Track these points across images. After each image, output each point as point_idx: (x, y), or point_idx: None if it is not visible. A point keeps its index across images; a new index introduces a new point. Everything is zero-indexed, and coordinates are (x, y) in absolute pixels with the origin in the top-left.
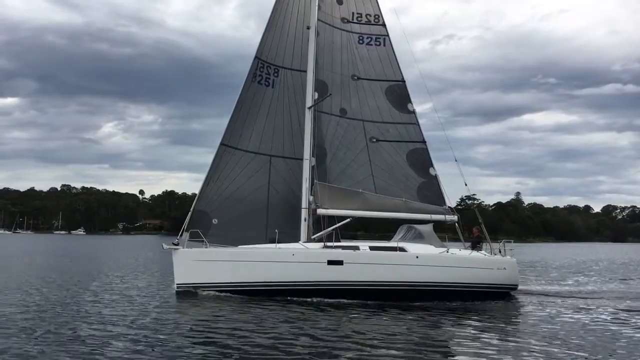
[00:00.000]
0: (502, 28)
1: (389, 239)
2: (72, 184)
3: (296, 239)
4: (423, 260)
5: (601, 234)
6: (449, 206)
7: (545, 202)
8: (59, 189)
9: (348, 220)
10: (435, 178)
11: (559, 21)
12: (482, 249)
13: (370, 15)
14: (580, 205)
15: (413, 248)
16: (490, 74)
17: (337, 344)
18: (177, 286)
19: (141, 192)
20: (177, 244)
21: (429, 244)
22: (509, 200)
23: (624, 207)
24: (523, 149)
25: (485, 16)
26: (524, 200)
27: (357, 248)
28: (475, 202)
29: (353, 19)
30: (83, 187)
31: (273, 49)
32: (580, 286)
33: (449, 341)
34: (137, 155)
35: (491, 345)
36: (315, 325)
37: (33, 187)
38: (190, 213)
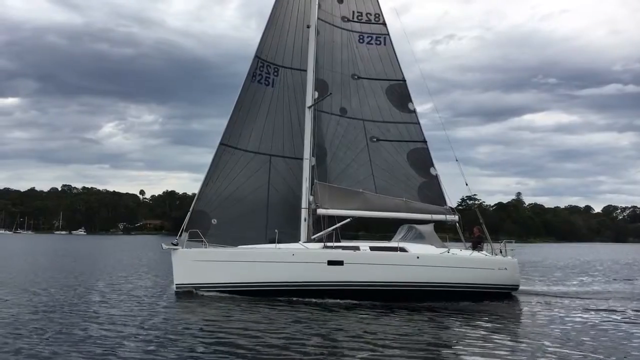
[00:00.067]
0: (502, 28)
1: (390, 239)
2: (73, 184)
3: (296, 239)
4: (424, 260)
5: (602, 234)
6: (449, 206)
7: (546, 202)
8: (59, 189)
9: (348, 220)
10: (436, 178)
11: (560, 21)
12: (483, 249)
13: (371, 14)
14: (581, 205)
15: (414, 248)
16: (490, 74)
17: (349, 344)
18: (176, 286)
19: (142, 192)
20: (176, 244)
21: (430, 244)
22: (509, 200)
23: (625, 208)
24: (524, 149)
25: (485, 16)
26: (525, 200)
27: (357, 248)
28: (476, 202)
29: (353, 18)
30: (84, 187)
31: (273, 47)
32: (585, 286)
33: (461, 342)
34: (138, 155)
35: (504, 347)
36: (325, 325)
37: (34, 187)
38: (189, 213)
